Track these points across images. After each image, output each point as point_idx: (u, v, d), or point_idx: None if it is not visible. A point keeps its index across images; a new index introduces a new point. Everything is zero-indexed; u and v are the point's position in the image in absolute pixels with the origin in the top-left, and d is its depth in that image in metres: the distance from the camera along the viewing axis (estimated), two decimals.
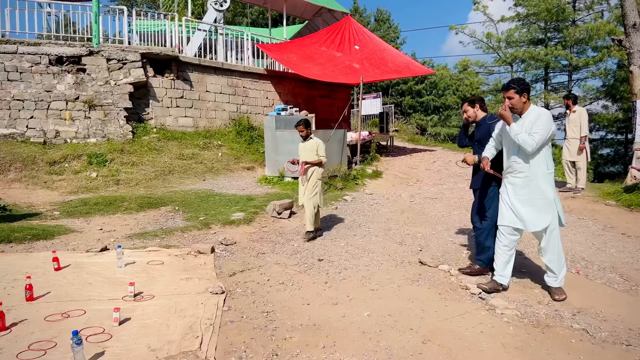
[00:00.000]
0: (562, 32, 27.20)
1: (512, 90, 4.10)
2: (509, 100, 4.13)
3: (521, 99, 4.10)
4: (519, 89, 4.08)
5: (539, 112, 4.10)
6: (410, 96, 35.44)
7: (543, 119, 4.01)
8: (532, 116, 4.08)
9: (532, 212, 4.15)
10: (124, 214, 7.31)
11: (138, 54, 11.52)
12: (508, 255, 4.32)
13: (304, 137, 6.43)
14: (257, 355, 3.16)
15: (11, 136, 10.30)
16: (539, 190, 4.12)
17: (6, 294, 4.12)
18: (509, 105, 4.15)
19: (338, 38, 14.88)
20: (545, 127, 3.98)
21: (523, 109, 4.14)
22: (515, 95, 4.10)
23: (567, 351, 3.28)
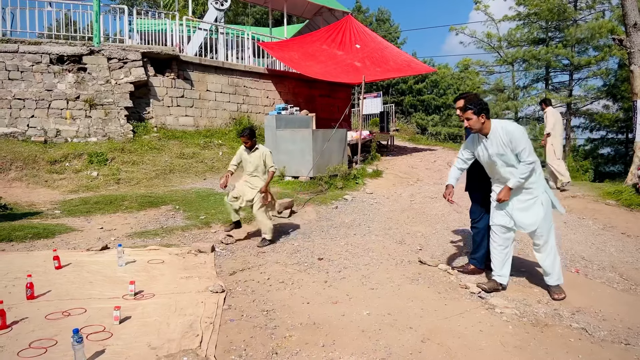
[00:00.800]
0: (563, 31, 27.17)
1: (470, 111, 4.11)
2: (467, 121, 4.15)
3: (479, 120, 4.11)
4: (477, 110, 4.09)
5: (507, 129, 4.06)
6: (411, 95, 35.44)
7: (516, 135, 4.00)
8: (501, 134, 4.07)
9: (521, 212, 4.21)
10: (124, 213, 7.32)
11: (139, 53, 11.54)
12: (504, 254, 4.33)
13: (249, 148, 5.97)
14: (257, 353, 3.17)
15: (12, 135, 10.32)
16: (527, 192, 4.18)
17: (7, 292, 4.13)
18: (466, 125, 4.18)
19: (339, 37, 14.89)
20: (525, 141, 4.00)
21: (483, 129, 4.14)
22: (473, 116, 4.11)
23: (566, 350, 3.28)
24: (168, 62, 12.35)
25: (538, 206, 4.17)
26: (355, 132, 13.49)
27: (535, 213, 4.17)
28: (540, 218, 4.16)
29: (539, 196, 4.17)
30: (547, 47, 26.71)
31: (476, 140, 4.30)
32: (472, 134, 4.35)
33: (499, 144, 4.08)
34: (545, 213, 4.18)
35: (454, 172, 4.52)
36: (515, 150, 4.02)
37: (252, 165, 5.97)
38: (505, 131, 4.04)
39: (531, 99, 28.21)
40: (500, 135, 4.07)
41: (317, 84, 16.54)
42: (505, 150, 4.07)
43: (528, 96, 28.95)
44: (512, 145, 4.02)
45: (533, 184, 4.16)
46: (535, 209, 4.18)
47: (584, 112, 28.48)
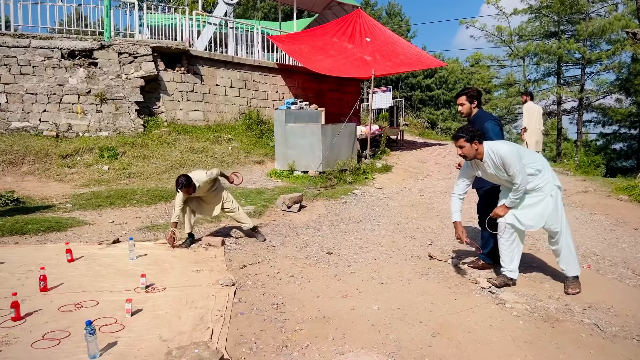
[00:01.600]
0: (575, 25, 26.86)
1: (462, 139, 4.11)
2: (461, 149, 4.15)
3: (473, 147, 4.10)
4: (469, 137, 4.08)
5: (499, 153, 4.04)
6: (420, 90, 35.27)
7: (507, 160, 3.99)
8: (493, 157, 4.08)
9: (529, 209, 4.21)
10: (135, 207, 7.38)
11: (149, 47, 11.58)
12: (511, 249, 4.31)
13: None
14: (267, 346, 3.19)
15: (24, 129, 10.42)
16: (535, 192, 4.18)
17: (21, 284, 4.18)
18: (460, 154, 4.18)
19: (349, 30, 14.82)
20: (516, 164, 3.98)
21: (477, 155, 4.14)
22: (465, 144, 4.10)
23: (577, 345, 3.27)
24: (178, 56, 12.38)
25: (547, 201, 4.16)
26: (365, 127, 13.46)
27: (542, 209, 4.17)
28: (548, 212, 4.15)
29: (548, 191, 4.17)
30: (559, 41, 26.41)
31: (473, 165, 4.32)
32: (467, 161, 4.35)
33: (495, 166, 4.10)
34: (556, 206, 4.17)
35: (456, 204, 4.45)
36: (509, 172, 4.03)
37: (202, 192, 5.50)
38: (497, 154, 4.05)
39: (542, 94, 27.96)
40: (493, 158, 4.08)
41: (326, 79, 16.49)
42: (500, 173, 4.10)
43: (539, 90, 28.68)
44: (504, 168, 4.04)
45: (540, 184, 4.17)
46: (543, 205, 4.17)
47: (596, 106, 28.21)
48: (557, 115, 28.70)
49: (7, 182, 8.52)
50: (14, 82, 10.50)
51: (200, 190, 5.40)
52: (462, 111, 4.84)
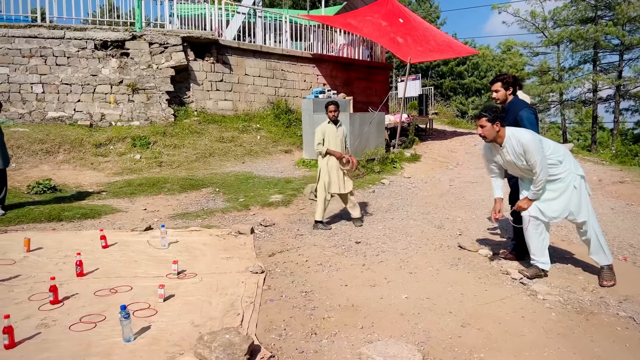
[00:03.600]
0: (614, 9, 25.85)
1: (484, 119, 4.02)
2: (481, 128, 4.06)
3: (494, 128, 4.01)
4: (491, 117, 3.99)
5: (521, 140, 3.94)
6: (451, 78, 34.67)
7: (529, 148, 3.89)
8: (514, 144, 3.98)
9: (552, 202, 4.12)
10: (166, 195, 7.51)
11: (179, 37, 11.70)
12: (540, 240, 4.23)
13: (335, 121, 5.98)
14: (297, 333, 3.22)
15: (60, 119, 10.70)
16: (558, 181, 4.09)
17: (58, 269, 4.32)
18: (480, 134, 4.10)
19: (382, 10, 14.66)
20: (537, 154, 3.89)
21: (497, 137, 4.05)
22: (487, 124, 4.02)
23: (612, 339, 3.19)
24: (207, 46, 12.47)
25: (570, 192, 4.07)
26: (393, 116, 13.33)
27: (566, 200, 4.08)
28: (573, 203, 4.07)
29: (570, 182, 4.07)
30: (596, 26, 25.48)
31: (492, 149, 4.24)
32: (486, 144, 4.27)
33: (514, 153, 4.01)
34: (579, 196, 4.07)
35: (495, 182, 4.45)
36: (529, 161, 3.94)
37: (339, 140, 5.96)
38: (519, 142, 3.95)
39: (577, 81, 27.11)
40: (514, 145, 3.98)
41: (354, 67, 16.38)
42: (521, 159, 3.99)
43: (574, 78, 27.82)
44: (525, 157, 3.94)
45: (561, 174, 4.07)
46: (566, 196, 4.08)
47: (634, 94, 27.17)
48: (593, 103, 27.82)
49: (44, 170, 8.79)
50: (49, 73, 10.78)
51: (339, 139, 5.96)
52: (497, 97, 4.71)
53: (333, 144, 5.94)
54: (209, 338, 2.83)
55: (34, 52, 10.69)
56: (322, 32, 15.68)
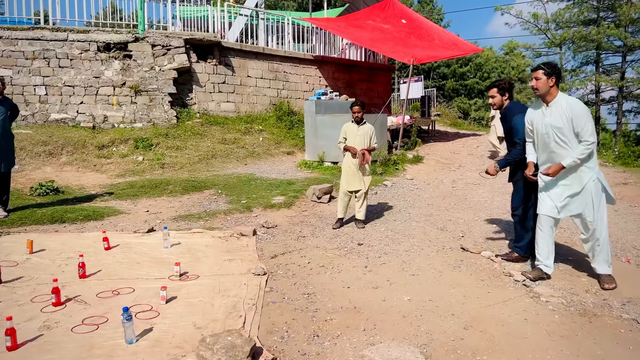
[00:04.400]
0: (616, 11, 25.81)
1: (541, 71, 3.99)
2: (536, 80, 4.01)
3: (548, 82, 3.97)
4: (548, 71, 3.96)
5: (572, 105, 3.89)
6: (454, 79, 34.62)
7: (581, 112, 3.85)
8: (565, 106, 3.91)
9: (568, 198, 4.06)
10: (169, 197, 7.52)
11: (181, 39, 11.73)
12: (550, 243, 4.21)
13: (359, 121, 6.09)
14: (299, 335, 3.21)
15: (63, 121, 10.73)
16: (578, 178, 4.01)
17: (61, 271, 4.33)
18: (533, 85, 4.04)
19: (383, 13, 14.64)
20: (588, 120, 3.85)
21: (548, 93, 4.00)
22: (542, 77, 3.98)
23: (616, 341, 3.18)
24: (210, 48, 12.50)
25: (587, 192, 4.00)
26: (396, 117, 13.33)
27: (584, 196, 4.01)
28: (588, 203, 4.00)
29: (588, 182, 4.00)
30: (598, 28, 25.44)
31: (536, 107, 4.17)
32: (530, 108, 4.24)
33: (560, 116, 3.92)
34: (595, 199, 4.00)
35: (529, 147, 4.36)
36: (576, 127, 3.85)
37: (362, 138, 6.03)
38: (570, 106, 3.89)
39: (580, 82, 27.06)
40: (564, 107, 3.91)
41: (356, 69, 16.39)
42: (565, 124, 3.90)
43: (577, 79, 27.78)
44: (574, 122, 3.86)
45: (585, 168, 3.98)
46: (584, 195, 4.01)
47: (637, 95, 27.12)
48: (596, 105, 27.77)
49: (47, 172, 8.81)
50: (52, 75, 10.81)
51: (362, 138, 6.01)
52: (494, 103, 4.80)
53: (352, 142, 6.07)
54: (211, 340, 2.83)
55: (37, 54, 10.73)
56: (324, 34, 15.70)
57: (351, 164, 6.06)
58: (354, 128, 6.10)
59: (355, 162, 6.01)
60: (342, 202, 6.15)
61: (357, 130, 6.06)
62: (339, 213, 6.16)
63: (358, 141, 6.03)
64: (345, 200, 6.14)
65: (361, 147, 6.00)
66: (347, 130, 6.14)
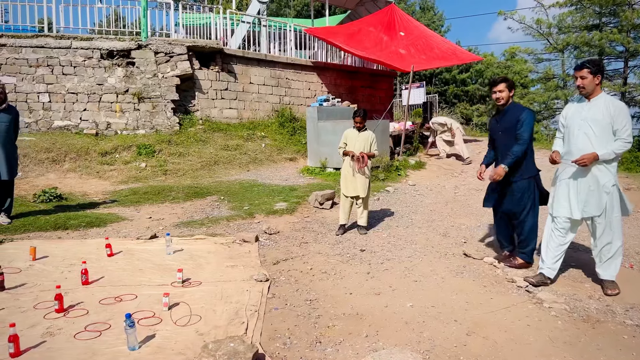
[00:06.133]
0: (618, 16, 25.82)
1: (586, 70, 3.96)
2: (581, 79, 3.99)
3: (594, 80, 3.96)
4: (594, 70, 3.94)
5: (614, 103, 3.92)
6: (455, 85, 34.68)
7: (625, 111, 3.87)
8: (606, 103, 3.92)
9: (585, 197, 4.03)
10: (171, 203, 7.53)
11: (184, 47, 11.78)
12: (559, 249, 4.19)
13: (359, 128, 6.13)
14: (301, 341, 3.21)
15: (66, 128, 10.78)
16: (594, 178, 3.99)
17: (64, 278, 4.34)
18: (579, 84, 4.02)
19: (384, 21, 14.65)
20: (629, 121, 3.88)
21: (593, 92, 4.00)
22: (588, 75, 3.96)
23: (619, 347, 3.17)
24: (212, 55, 12.56)
25: (603, 195, 3.98)
26: (398, 123, 13.34)
27: (600, 200, 3.98)
28: (602, 207, 3.97)
29: (607, 185, 3.97)
30: (601, 33, 25.45)
31: (577, 100, 4.16)
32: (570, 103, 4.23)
33: (601, 109, 3.92)
34: (609, 203, 3.98)
35: (557, 142, 4.35)
36: (616, 124, 3.86)
37: (362, 144, 6.06)
38: (613, 102, 3.92)
39: None
40: (606, 103, 3.92)
41: (358, 75, 16.43)
42: (603, 117, 3.89)
43: None
44: (615, 119, 3.86)
45: (606, 170, 3.96)
46: (601, 196, 3.98)
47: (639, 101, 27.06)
48: None
49: (50, 178, 8.84)
50: (56, 82, 10.88)
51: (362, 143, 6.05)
52: (501, 97, 4.65)
53: (352, 148, 6.11)
54: (213, 346, 2.83)
55: (40, 62, 10.80)
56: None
57: (350, 169, 6.08)
58: (354, 134, 6.14)
59: (353, 165, 6.03)
60: (344, 207, 6.15)
61: (357, 136, 6.09)
62: (341, 219, 6.17)
63: (358, 147, 6.04)
64: (346, 206, 6.14)
65: (360, 152, 6.02)
66: (348, 136, 6.18)
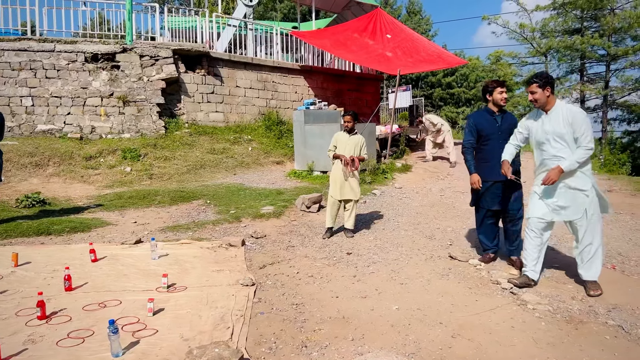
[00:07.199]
0: (599, 20, 26.25)
1: (535, 85, 4.03)
2: (532, 94, 4.07)
3: (544, 93, 4.02)
4: (541, 83, 4.01)
5: (572, 111, 3.95)
6: (441, 88, 34.96)
7: (581, 117, 3.90)
8: (564, 114, 3.96)
9: (563, 200, 4.08)
10: (157, 208, 7.48)
11: (170, 50, 11.72)
12: (538, 250, 4.25)
13: (349, 130, 6.13)
14: (287, 346, 3.20)
15: (50, 132, 10.65)
16: (570, 183, 4.04)
17: (46, 284, 4.28)
18: (531, 99, 4.09)
19: (370, 27, 14.69)
20: (588, 126, 3.90)
21: (547, 104, 4.05)
22: (537, 90, 4.03)
23: (602, 347, 3.21)
24: (198, 58, 12.51)
25: (583, 198, 4.03)
26: (384, 127, 13.41)
27: (579, 203, 4.04)
28: (583, 209, 4.03)
29: (584, 188, 4.02)
30: (583, 37, 25.84)
31: (535, 115, 4.21)
32: (528, 115, 4.28)
33: (560, 121, 3.96)
34: (589, 206, 4.04)
35: (509, 149, 4.43)
36: (576, 132, 3.90)
37: (352, 147, 6.06)
38: (570, 111, 3.95)
39: (565, 91, 27.41)
40: (564, 113, 3.96)
41: (345, 79, 16.48)
42: (565, 129, 3.94)
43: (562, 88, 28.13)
44: (574, 127, 3.90)
45: (581, 174, 4.02)
46: (579, 200, 4.04)
47: (621, 104, 27.52)
48: None
49: (33, 183, 8.73)
50: (39, 86, 10.75)
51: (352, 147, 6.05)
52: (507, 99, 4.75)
53: (342, 151, 6.08)
54: (198, 352, 2.82)
55: (23, 65, 10.66)
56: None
57: (341, 173, 6.07)
58: (344, 137, 6.12)
59: (344, 169, 6.03)
60: (331, 211, 6.14)
61: (347, 139, 6.09)
62: (328, 222, 6.17)
63: (348, 150, 6.04)
64: (334, 209, 6.15)
65: (350, 155, 6.02)
66: (337, 139, 6.16)
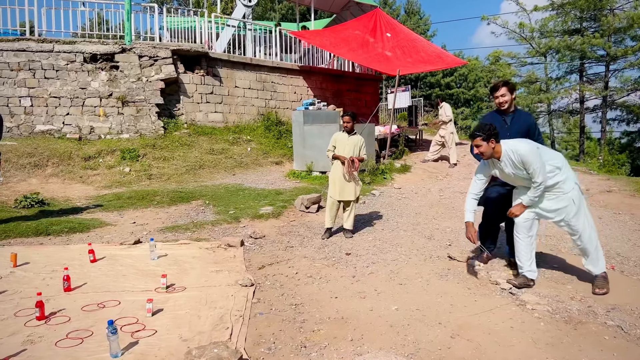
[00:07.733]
0: (599, 21, 26.28)
1: (479, 138, 4.07)
2: (477, 148, 4.11)
3: (489, 145, 4.07)
4: (485, 137, 4.05)
5: (518, 152, 3.99)
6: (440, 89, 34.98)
7: (527, 158, 3.95)
8: (512, 157, 4.03)
9: (547, 201, 4.18)
10: (156, 208, 7.47)
11: (169, 50, 11.72)
12: (530, 248, 4.29)
13: (348, 131, 6.14)
14: (286, 346, 3.20)
15: (49, 132, 10.64)
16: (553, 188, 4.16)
17: (45, 284, 4.27)
18: (476, 153, 4.16)
19: (370, 25, 14.71)
20: (535, 162, 3.94)
21: (495, 153, 4.11)
22: (482, 143, 4.07)
23: (601, 348, 3.21)
24: (197, 59, 12.50)
25: (567, 200, 4.13)
26: (383, 127, 13.41)
27: (562, 203, 4.14)
28: (568, 209, 4.12)
29: (567, 192, 4.14)
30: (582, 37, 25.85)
31: (490, 165, 4.29)
32: (484, 161, 4.32)
33: (513, 165, 4.07)
34: (576, 202, 4.13)
35: (470, 204, 4.41)
36: (527, 170, 4.00)
37: (351, 148, 6.05)
38: (516, 154, 4.01)
39: (564, 91, 27.45)
40: (512, 158, 4.05)
41: (344, 79, 16.48)
42: (520, 170, 4.05)
43: (562, 88, 28.18)
44: (525, 166, 4.00)
45: (559, 183, 4.14)
46: (562, 201, 4.14)
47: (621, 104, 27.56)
48: (580, 114, 28.16)
49: (32, 183, 8.72)
50: (38, 86, 10.74)
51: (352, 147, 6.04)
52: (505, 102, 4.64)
53: (341, 151, 6.06)
54: (197, 352, 2.81)
55: (22, 66, 10.66)
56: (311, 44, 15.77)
57: (340, 173, 6.06)
58: (344, 137, 6.12)
59: (344, 169, 6.02)
60: (330, 211, 6.14)
61: (347, 139, 6.08)
62: (327, 223, 6.16)
63: (347, 150, 6.04)
64: (333, 209, 6.14)
65: (350, 156, 6.02)
66: (337, 139, 6.15)
